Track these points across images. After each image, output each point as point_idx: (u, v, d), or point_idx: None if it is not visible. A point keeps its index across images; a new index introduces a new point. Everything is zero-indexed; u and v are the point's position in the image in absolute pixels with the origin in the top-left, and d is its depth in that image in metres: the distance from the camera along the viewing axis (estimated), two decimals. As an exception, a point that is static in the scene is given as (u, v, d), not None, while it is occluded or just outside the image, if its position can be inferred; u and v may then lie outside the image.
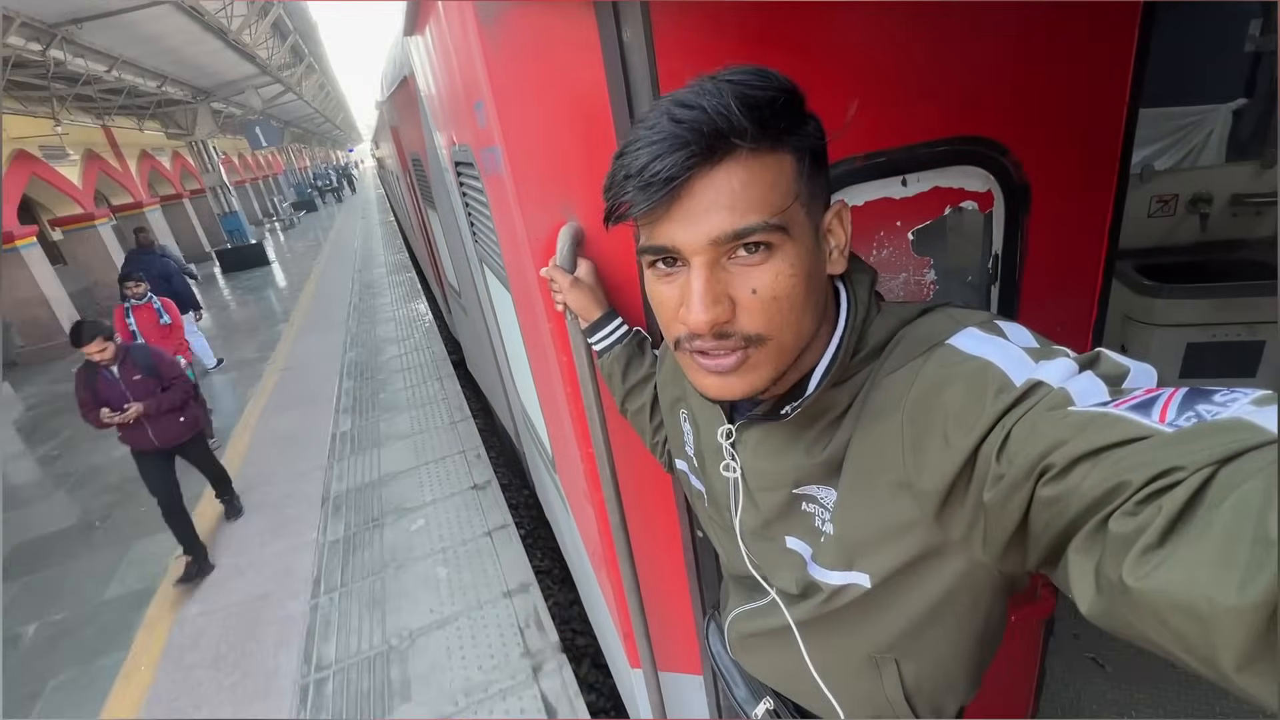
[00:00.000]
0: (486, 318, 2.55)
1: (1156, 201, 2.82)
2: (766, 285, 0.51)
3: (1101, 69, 0.89)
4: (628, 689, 1.67)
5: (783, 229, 0.50)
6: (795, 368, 0.59)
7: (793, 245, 0.51)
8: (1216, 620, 0.30)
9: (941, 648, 0.68)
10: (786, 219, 0.50)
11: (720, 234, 0.50)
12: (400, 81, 2.64)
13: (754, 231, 0.49)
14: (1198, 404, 0.36)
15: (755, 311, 0.52)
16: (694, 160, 0.48)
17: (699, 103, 0.48)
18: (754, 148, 0.48)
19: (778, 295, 0.51)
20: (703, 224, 0.50)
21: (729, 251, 0.51)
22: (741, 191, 0.49)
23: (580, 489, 1.24)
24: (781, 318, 0.52)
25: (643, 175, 0.49)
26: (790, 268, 0.51)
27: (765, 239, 0.50)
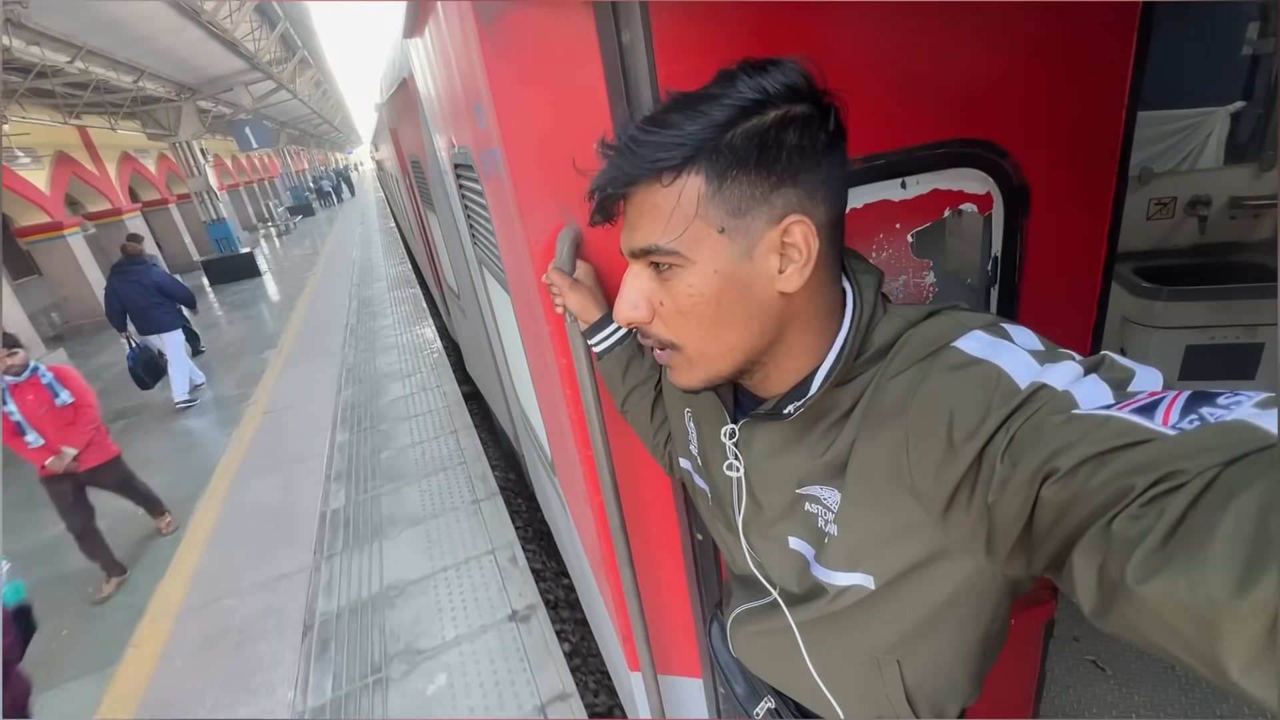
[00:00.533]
0: (485, 320, 2.55)
1: (1155, 204, 2.82)
2: (672, 300, 0.57)
3: (1100, 71, 0.89)
4: (627, 692, 1.66)
5: (675, 252, 0.54)
6: (781, 369, 0.60)
7: (695, 267, 0.54)
8: (1219, 623, 0.30)
9: (944, 650, 0.68)
10: (682, 242, 0.53)
11: (629, 249, 0.58)
12: (399, 83, 2.65)
13: (650, 253, 0.56)
14: (1201, 407, 0.36)
15: (665, 321, 0.59)
16: (611, 190, 0.56)
17: (620, 142, 0.54)
18: (654, 181, 0.53)
19: (681, 310, 0.57)
20: (625, 238, 0.59)
21: (650, 263, 0.57)
22: (643, 216, 0.55)
23: (579, 492, 1.24)
24: (689, 330, 0.58)
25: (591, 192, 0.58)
26: (690, 287, 0.55)
27: (661, 260, 0.55)
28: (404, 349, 6.48)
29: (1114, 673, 2.02)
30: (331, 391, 5.61)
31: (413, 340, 6.71)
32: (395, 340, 6.86)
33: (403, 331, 7.13)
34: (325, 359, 6.57)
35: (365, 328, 7.52)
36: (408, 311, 7.94)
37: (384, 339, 6.98)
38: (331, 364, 6.36)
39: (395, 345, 6.69)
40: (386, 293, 9.14)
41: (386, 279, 10.08)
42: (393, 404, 5.09)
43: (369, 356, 6.43)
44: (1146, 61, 0.88)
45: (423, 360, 5.99)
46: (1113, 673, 2.02)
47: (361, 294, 9.30)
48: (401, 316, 7.79)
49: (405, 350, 6.43)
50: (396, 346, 6.63)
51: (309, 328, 7.93)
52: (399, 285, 9.50)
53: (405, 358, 6.18)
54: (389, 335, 7.06)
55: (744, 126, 0.50)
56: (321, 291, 10.00)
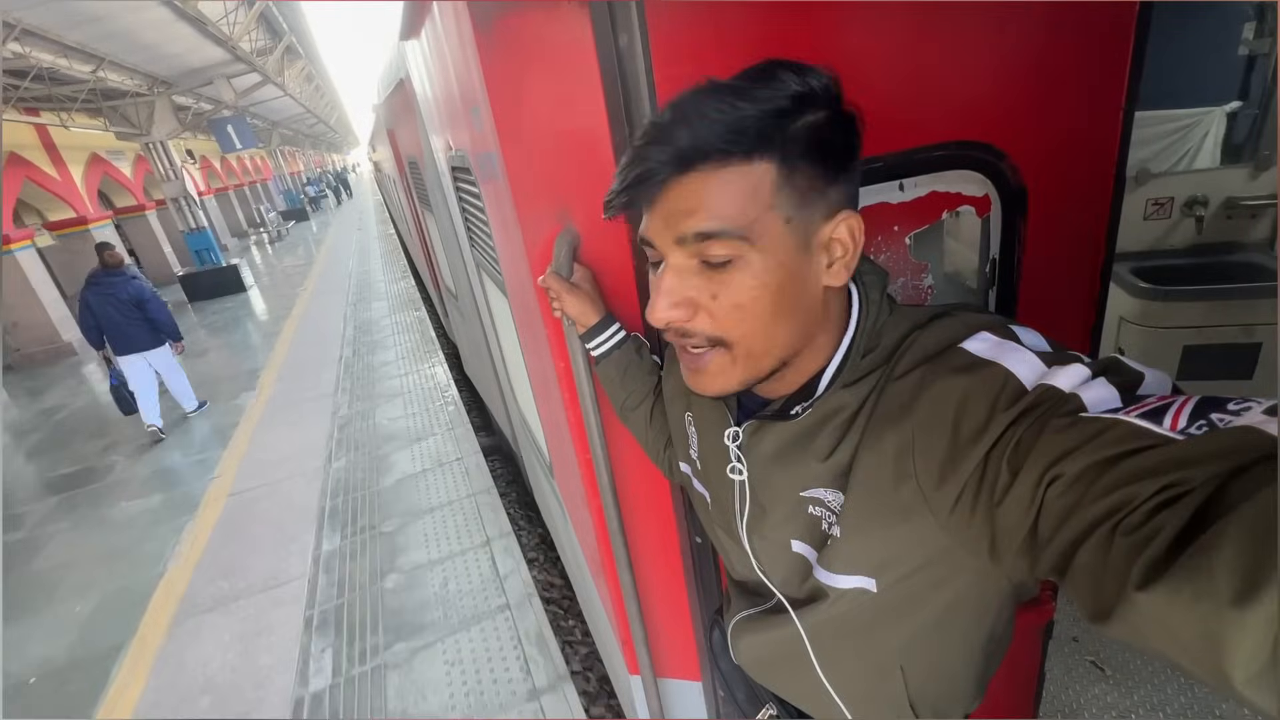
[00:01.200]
0: (484, 323, 2.54)
1: (1152, 204, 2.83)
2: (729, 292, 0.53)
3: (1098, 72, 0.89)
4: (626, 696, 1.66)
5: (745, 239, 0.51)
6: (794, 369, 0.59)
7: (760, 256, 0.52)
8: (1223, 633, 0.29)
9: (947, 654, 0.67)
10: (753, 230, 0.51)
11: (684, 234, 0.52)
12: (396, 85, 2.64)
13: (714, 238, 0.51)
14: (1210, 412, 0.36)
15: (716, 316, 0.54)
16: (667, 170, 0.51)
17: (680, 114, 0.50)
18: (724, 162, 0.50)
19: (739, 303, 0.53)
20: (672, 224, 0.53)
21: (699, 254, 0.53)
22: (708, 199, 0.51)
23: (578, 495, 1.23)
24: (744, 325, 0.54)
25: (625, 173, 0.52)
26: (753, 278, 0.52)
27: (728, 246, 0.52)
28: (412, 397, 5.14)
29: (1113, 673, 2.03)
30: (319, 461, 4.23)
31: (422, 385, 5.35)
32: (400, 383, 5.50)
33: (408, 370, 5.76)
34: (313, 408, 5.23)
35: (363, 364, 6.16)
36: (413, 343, 6.52)
37: (386, 381, 5.60)
38: (320, 416, 5.03)
39: (400, 391, 5.33)
40: (388, 315, 7.76)
41: (387, 297, 8.68)
42: (400, 486, 3.75)
43: (368, 407, 5.09)
44: (1144, 62, 0.88)
45: (437, 416, 4.65)
46: (1112, 673, 2.03)
47: (358, 316, 7.92)
48: (406, 349, 6.38)
49: (413, 399, 5.08)
50: (402, 393, 5.27)
51: (296, 362, 6.54)
52: (402, 307, 8.02)
53: (414, 411, 4.87)
54: (392, 376, 5.68)
55: (803, 119, 0.50)
56: (312, 313, 8.52)
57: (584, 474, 1.11)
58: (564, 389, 1.05)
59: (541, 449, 1.76)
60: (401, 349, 6.42)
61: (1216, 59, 2.79)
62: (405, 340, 6.68)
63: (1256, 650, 0.28)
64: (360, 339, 6.99)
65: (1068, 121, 0.90)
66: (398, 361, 6.09)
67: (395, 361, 6.10)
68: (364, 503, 3.65)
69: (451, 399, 4.93)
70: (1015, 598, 0.68)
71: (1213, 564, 0.30)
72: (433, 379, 5.44)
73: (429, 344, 6.37)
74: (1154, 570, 0.32)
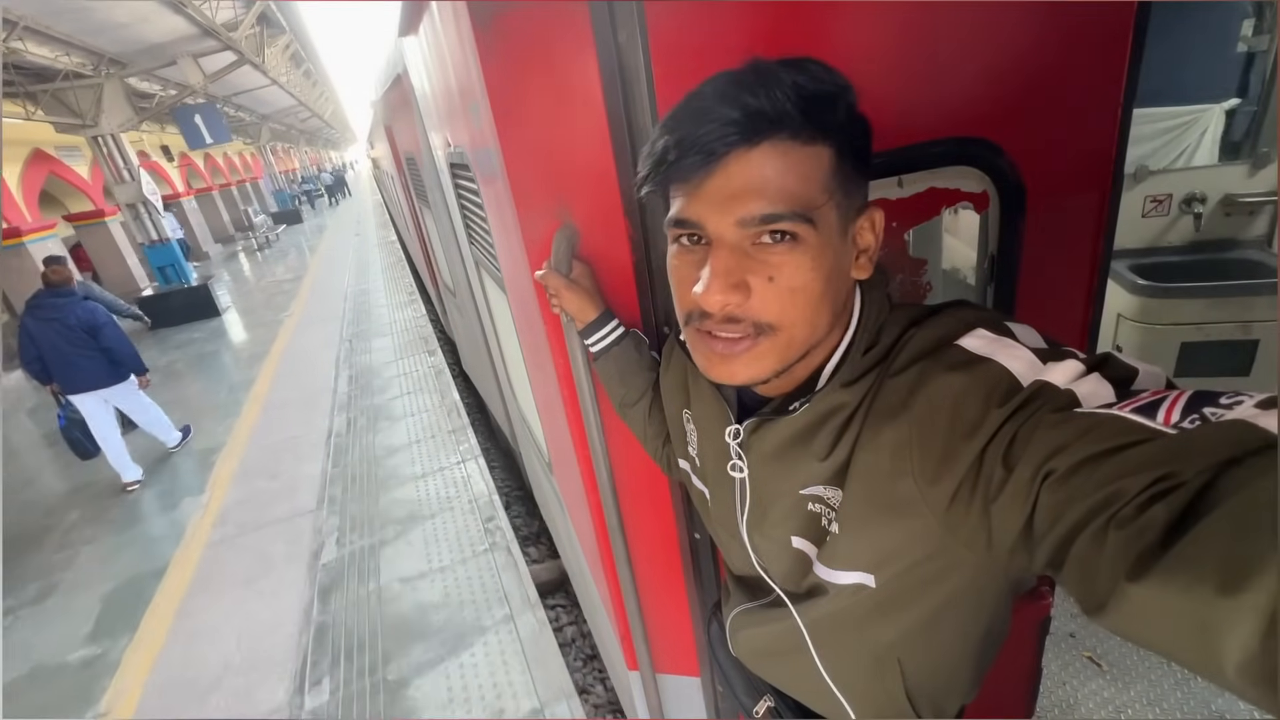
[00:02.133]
0: (482, 320, 2.54)
1: (1150, 201, 2.83)
2: (786, 276, 0.51)
3: (1096, 69, 0.89)
4: (625, 691, 1.67)
5: (810, 222, 0.50)
6: (803, 364, 0.59)
7: (818, 240, 0.51)
8: (1214, 623, 0.30)
9: (945, 648, 0.68)
10: (816, 213, 0.50)
11: (748, 217, 0.50)
12: (393, 81, 2.64)
13: (781, 219, 0.49)
14: (1203, 406, 0.36)
15: (770, 300, 0.52)
16: (734, 138, 0.48)
17: (751, 81, 0.48)
18: (794, 137, 0.48)
19: (795, 287, 0.51)
20: (733, 205, 0.50)
21: (754, 236, 0.51)
22: (775, 178, 0.49)
23: (577, 491, 1.24)
24: (796, 310, 0.53)
25: (681, 145, 0.49)
26: (812, 262, 0.51)
27: (791, 229, 0.50)
28: (434, 501, 3.26)
29: (1110, 668, 2.04)
30: (290, 641, 2.53)
31: (452, 497, 3.30)
32: (418, 491, 3.44)
33: (430, 469, 3.66)
34: (283, 549, 3.16)
35: (361, 448, 4.07)
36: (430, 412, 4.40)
37: (398, 488, 3.53)
38: (292, 569, 2.99)
39: (421, 511, 3.25)
40: (394, 361, 5.69)
41: (391, 331, 6.64)
42: (424, 691, 2.23)
43: (369, 543, 3.07)
44: (1142, 59, 0.88)
45: (469, 546, 2.87)
46: (1108, 668, 2.04)
47: (355, 361, 5.87)
48: (424, 425, 4.24)
49: (445, 539, 2.99)
50: (422, 516, 3.21)
51: (267, 446, 4.37)
52: (412, 348, 5.93)
53: (444, 556, 2.88)
54: (406, 481, 3.58)
55: (852, 113, 0.51)
56: (297, 352, 6.52)
57: (583, 470, 1.12)
58: (563, 385, 1.05)
59: (541, 446, 1.76)
60: (417, 424, 4.28)
61: (1215, 56, 2.79)
62: (421, 407, 4.51)
63: (1247, 640, 0.28)
64: (358, 400, 4.93)
65: (1066, 118, 0.91)
66: (411, 447, 3.96)
67: (408, 447, 3.98)
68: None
69: (502, 533, 2.81)
70: (1012, 592, 0.68)
71: (1203, 555, 0.30)
72: (471, 491, 3.13)
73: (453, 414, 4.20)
74: (1146, 561, 0.32)
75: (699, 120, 0.49)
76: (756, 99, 0.47)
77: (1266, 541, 0.28)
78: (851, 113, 0.51)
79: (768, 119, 0.48)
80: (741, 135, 0.48)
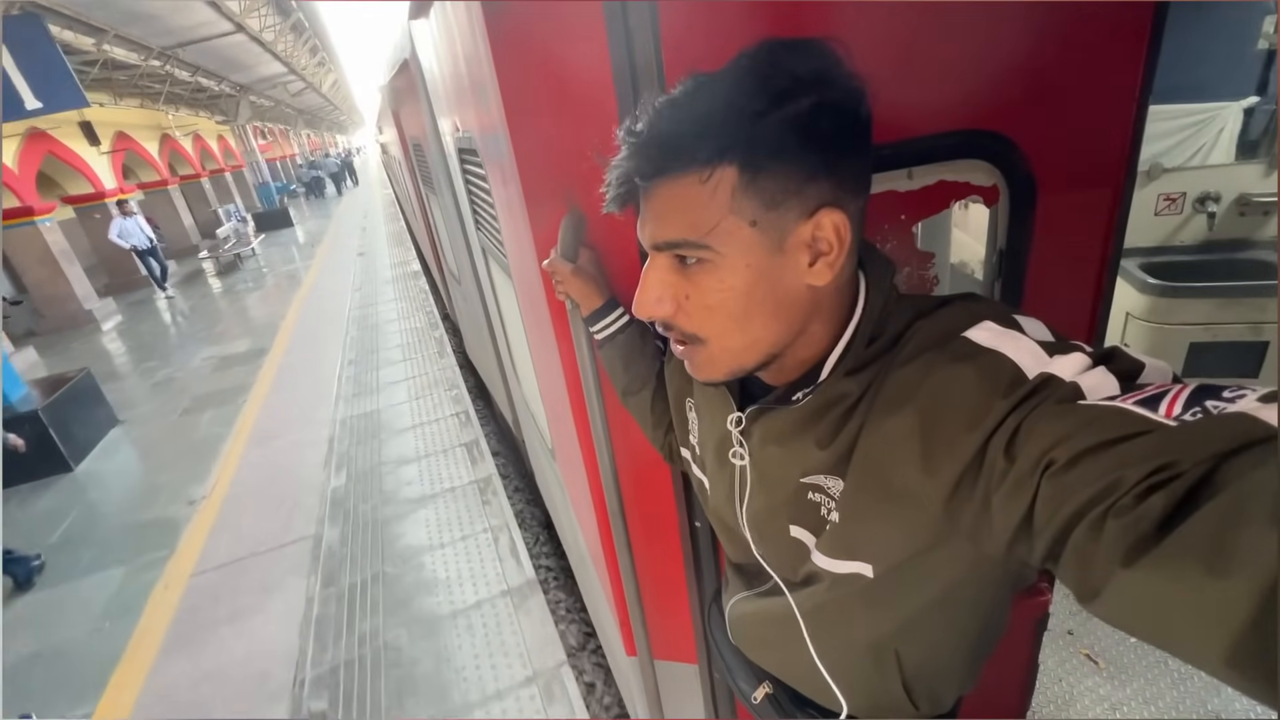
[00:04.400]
0: (487, 305, 2.55)
1: (1163, 199, 2.80)
2: (698, 294, 0.55)
3: (1112, 64, 0.88)
4: (624, 677, 1.68)
5: (706, 246, 0.52)
6: (795, 359, 0.60)
7: (725, 261, 0.53)
8: (1204, 611, 0.30)
9: (942, 639, 0.68)
10: (713, 236, 0.52)
11: (653, 242, 0.56)
12: (401, 65, 2.62)
13: (677, 246, 0.54)
14: (1206, 399, 0.36)
15: (690, 314, 0.57)
16: (636, 172, 0.53)
17: (646, 125, 0.52)
18: (684, 170, 0.51)
19: (708, 305, 0.55)
20: (648, 228, 0.56)
21: (674, 257, 0.56)
22: (668, 208, 0.53)
23: (579, 478, 1.24)
24: (717, 325, 0.56)
25: (607, 181, 0.55)
26: (719, 282, 0.54)
27: (689, 254, 0.54)
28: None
29: (1107, 666, 2.04)
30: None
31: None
32: None
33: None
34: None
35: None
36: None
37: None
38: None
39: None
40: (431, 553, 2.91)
41: (417, 448, 3.90)
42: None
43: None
44: (1159, 54, 0.87)
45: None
46: (1105, 665, 2.04)
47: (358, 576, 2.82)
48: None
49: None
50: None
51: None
52: (458, 488, 3.39)
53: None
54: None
55: (777, 115, 0.48)
56: (248, 534, 3.27)
57: (585, 457, 1.12)
58: (567, 372, 1.06)
59: (544, 431, 1.77)
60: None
61: (1235, 52, 2.74)
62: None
63: (1236, 627, 0.29)
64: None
65: (1080, 113, 0.90)
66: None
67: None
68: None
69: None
70: (1011, 585, 0.68)
71: (1196, 542, 0.30)
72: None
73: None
74: (1141, 549, 0.33)
75: (622, 158, 0.54)
76: (647, 157, 0.52)
77: (1260, 530, 0.28)
78: (782, 118, 0.48)
79: (650, 167, 0.52)
80: (642, 179, 0.53)
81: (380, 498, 3.49)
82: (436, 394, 4.69)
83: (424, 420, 4.31)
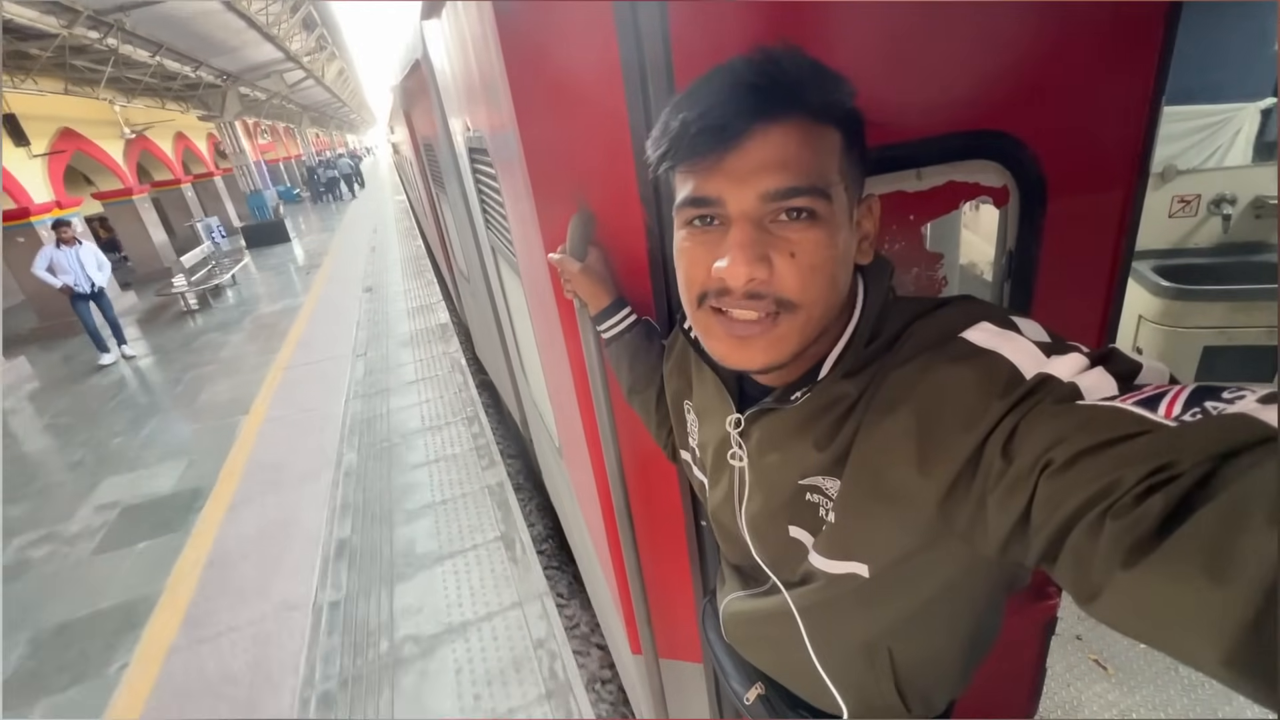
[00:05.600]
0: (496, 304, 2.56)
1: (1177, 202, 2.77)
2: (806, 251, 0.51)
3: (1125, 64, 0.87)
4: (629, 675, 1.69)
5: (828, 198, 0.52)
6: (807, 354, 0.60)
7: (834, 219, 0.53)
8: (1205, 611, 0.30)
9: (936, 639, 0.68)
10: (833, 191, 0.52)
11: (772, 190, 0.50)
12: (413, 66, 2.64)
13: (802, 194, 0.50)
14: (1205, 400, 0.36)
15: (792, 276, 0.52)
16: (756, 113, 0.49)
17: (767, 61, 0.49)
18: (813, 116, 0.51)
19: (815, 263, 0.52)
20: (755, 179, 0.50)
21: (774, 213, 0.51)
22: (797, 153, 0.50)
23: (585, 475, 1.25)
24: (816, 288, 0.53)
25: (704, 118, 0.49)
26: (829, 238, 0.52)
27: (811, 204, 0.51)
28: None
29: (1115, 671, 2.03)
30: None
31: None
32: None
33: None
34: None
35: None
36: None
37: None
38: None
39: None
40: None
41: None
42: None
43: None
44: (1171, 56, 0.87)
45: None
46: (1114, 671, 2.03)
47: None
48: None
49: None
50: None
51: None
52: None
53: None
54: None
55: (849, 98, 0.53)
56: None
57: (592, 455, 1.13)
58: (575, 370, 1.06)
59: (551, 430, 1.78)
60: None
61: (1251, 54, 2.71)
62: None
63: (1235, 628, 0.29)
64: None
65: (1092, 115, 0.89)
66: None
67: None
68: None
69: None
70: (1007, 587, 0.68)
71: (1196, 544, 0.30)
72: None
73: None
74: (1140, 550, 0.33)
75: (719, 97, 0.49)
76: (776, 75, 0.49)
77: (1259, 532, 0.28)
78: (854, 104, 0.54)
79: (788, 95, 0.49)
80: (763, 110, 0.49)
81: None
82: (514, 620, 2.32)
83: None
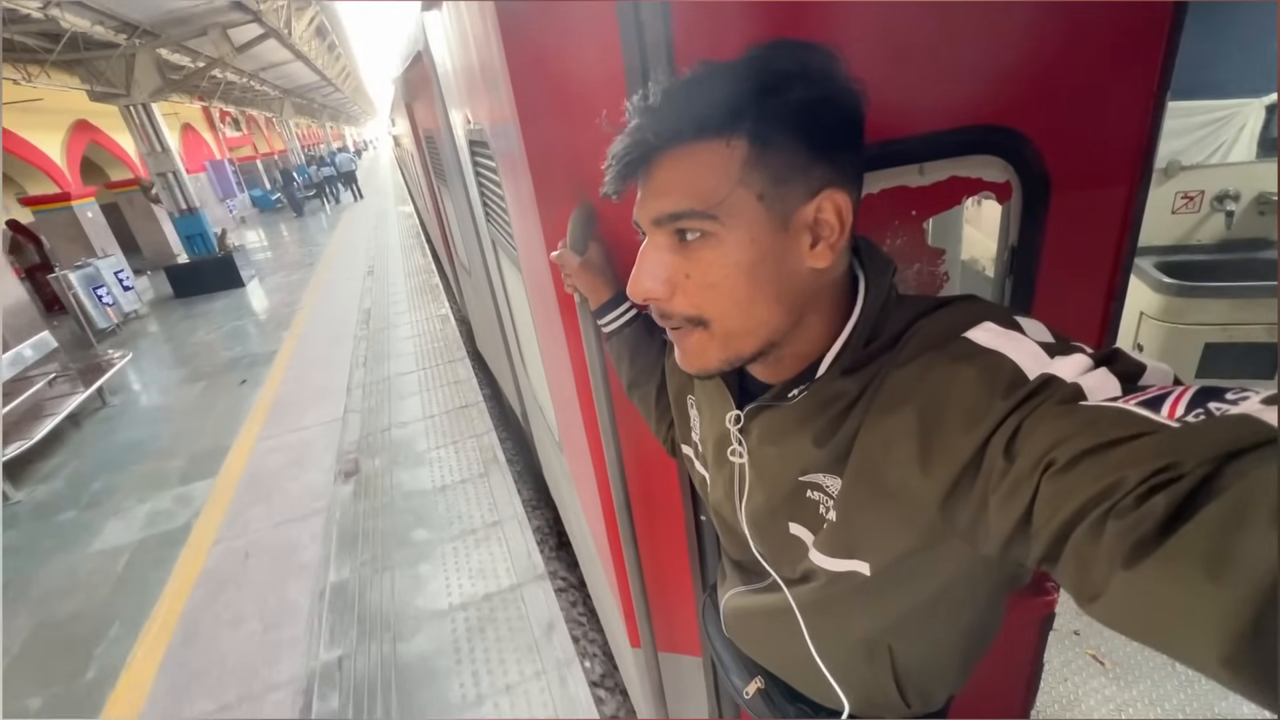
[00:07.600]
0: (496, 297, 2.56)
1: (1181, 198, 2.76)
2: (699, 272, 0.55)
3: (1128, 60, 0.86)
4: (627, 668, 1.70)
5: (713, 218, 0.52)
6: (793, 352, 0.60)
7: (731, 235, 0.53)
8: (1205, 611, 0.30)
9: (935, 636, 0.69)
10: (722, 208, 0.52)
11: (656, 216, 0.55)
12: (414, 57, 2.63)
13: (683, 217, 0.53)
14: (1209, 401, 0.36)
15: (689, 295, 0.56)
16: (639, 150, 0.53)
17: (657, 99, 0.53)
18: (710, 134, 0.51)
19: (711, 283, 0.54)
20: (649, 204, 0.55)
21: (672, 235, 0.55)
22: (678, 179, 0.53)
23: (585, 469, 1.25)
24: (718, 305, 0.55)
25: (612, 157, 0.55)
26: (724, 257, 0.53)
27: (698, 226, 0.53)
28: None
29: (1113, 667, 2.04)
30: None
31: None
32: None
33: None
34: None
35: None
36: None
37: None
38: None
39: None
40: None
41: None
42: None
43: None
44: (1177, 51, 0.86)
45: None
46: (1112, 666, 2.04)
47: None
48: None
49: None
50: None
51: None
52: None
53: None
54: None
55: (787, 95, 0.50)
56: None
57: (592, 449, 1.13)
58: (575, 364, 1.06)
59: (551, 423, 1.78)
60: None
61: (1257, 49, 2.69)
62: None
63: (1235, 629, 0.29)
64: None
65: (1095, 110, 0.89)
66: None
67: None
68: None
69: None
70: (1007, 585, 0.69)
71: (1197, 544, 0.30)
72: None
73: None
74: (1141, 550, 0.32)
75: (632, 131, 0.54)
76: (655, 121, 0.52)
77: (1261, 533, 0.28)
78: (792, 100, 0.50)
79: (660, 136, 0.52)
80: (645, 148, 0.53)
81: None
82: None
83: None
